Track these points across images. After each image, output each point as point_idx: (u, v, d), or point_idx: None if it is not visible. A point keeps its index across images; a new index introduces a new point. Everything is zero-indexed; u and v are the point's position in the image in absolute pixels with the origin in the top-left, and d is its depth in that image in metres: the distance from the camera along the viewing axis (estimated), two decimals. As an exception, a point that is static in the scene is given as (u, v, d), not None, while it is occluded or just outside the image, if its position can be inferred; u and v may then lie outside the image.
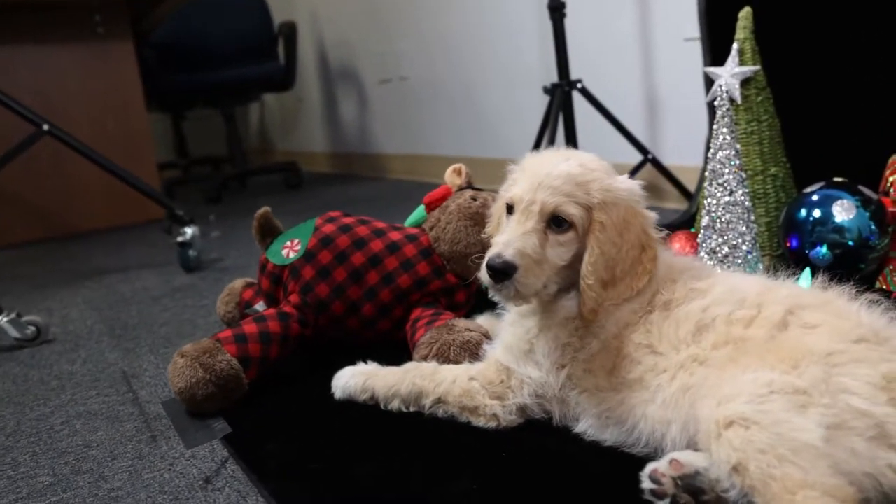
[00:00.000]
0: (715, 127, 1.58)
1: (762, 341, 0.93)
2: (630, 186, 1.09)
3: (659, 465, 0.91)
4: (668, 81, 2.66)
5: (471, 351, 1.29)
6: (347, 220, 1.58)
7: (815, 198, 1.65)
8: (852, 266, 1.61)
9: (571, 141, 2.50)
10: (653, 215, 1.09)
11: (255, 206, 1.65)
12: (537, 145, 2.56)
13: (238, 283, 1.78)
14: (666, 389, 0.97)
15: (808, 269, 1.43)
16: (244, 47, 4.61)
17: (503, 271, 1.02)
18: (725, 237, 1.58)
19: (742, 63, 1.77)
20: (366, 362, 1.31)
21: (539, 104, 2.75)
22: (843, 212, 1.61)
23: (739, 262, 1.56)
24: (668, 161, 2.65)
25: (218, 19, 4.56)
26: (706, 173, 1.60)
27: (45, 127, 2.57)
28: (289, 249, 1.54)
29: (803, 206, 1.65)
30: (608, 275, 1.05)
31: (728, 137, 1.56)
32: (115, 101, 3.72)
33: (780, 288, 1.02)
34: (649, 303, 1.05)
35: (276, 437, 1.20)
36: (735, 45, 1.76)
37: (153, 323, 1.99)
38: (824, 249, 1.61)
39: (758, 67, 1.75)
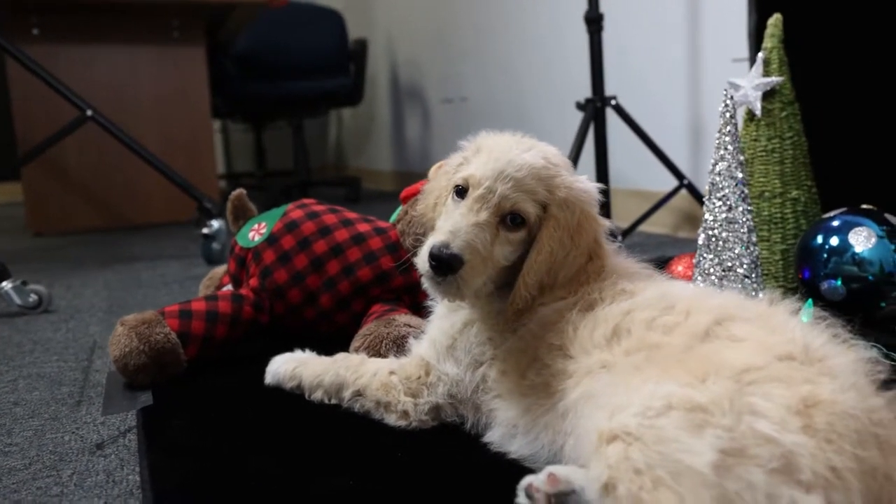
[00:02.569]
0: (717, 136, 1.44)
1: (677, 351, 0.81)
2: (589, 188, 1.00)
3: (535, 479, 0.79)
4: (714, 103, 2.51)
5: (404, 347, 1.21)
6: (318, 207, 1.53)
7: (834, 224, 1.47)
8: (870, 303, 1.41)
9: (601, 160, 2.38)
10: (606, 223, 1.00)
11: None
12: (574, 161, 2.46)
13: (220, 269, 1.76)
14: (568, 396, 0.86)
15: (809, 301, 1.26)
16: (318, 61, 4.73)
17: (448, 264, 0.93)
18: (721, 258, 1.43)
19: (767, 74, 1.62)
20: (303, 350, 1.26)
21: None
22: (864, 241, 1.42)
23: (736, 286, 1.41)
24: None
25: (297, 32, 4.71)
26: (706, 186, 1.46)
27: (89, 112, 2.69)
28: (255, 232, 1.51)
29: (819, 233, 1.47)
30: (549, 278, 0.97)
31: (730, 147, 1.42)
32: (183, 104, 3.87)
33: (716, 297, 0.89)
34: (576, 302, 0.95)
35: (186, 416, 1.15)
36: (760, 55, 1.62)
37: (151, 305, 2.01)
38: (838, 282, 1.43)
39: (783, 78, 1.60)
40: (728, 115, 1.39)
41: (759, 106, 1.57)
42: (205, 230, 2.59)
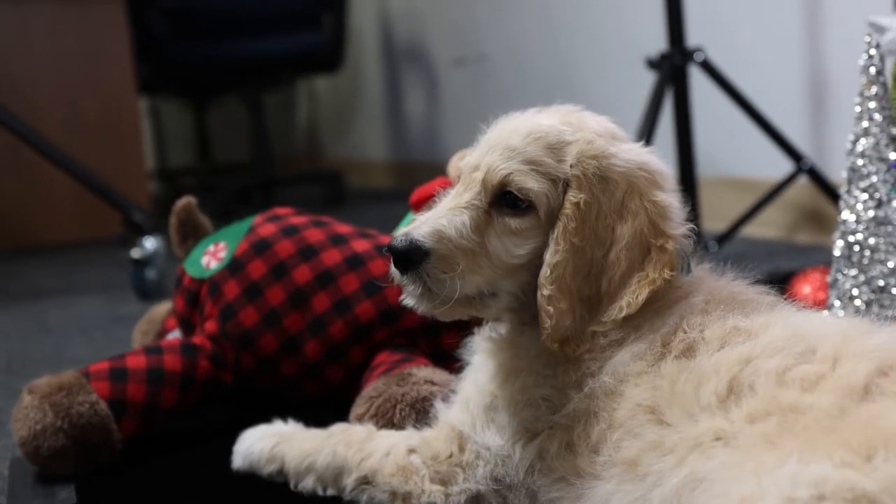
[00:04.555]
0: (857, 101, 1.44)
1: (825, 415, 0.81)
2: (637, 158, 1.02)
3: None
4: (844, 54, 2.50)
5: (426, 411, 1.22)
6: (297, 219, 1.54)
7: None
8: None
9: (683, 138, 2.38)
10: (674, 202, 1.01)
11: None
12: (646, 141, 2.47)
13: (162, 308, 1.78)
14: (667, 482, 0.86)
15: None
16: (280, 12, 4.78)
17: (406, 256, 0.97)
18: (868, 274, 1.43)
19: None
20: (285, 421, 1.27)
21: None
22: None
23: (891, 313, 1.40)
24: (840, 175, 2.47)
25: (246, -24, 4.76)
26: (844, 173, 1.47)
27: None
28: (210, 257, 1.51)
29: None
30: (588, 287, 0.98)
31: (878, 117, 1.42)
32: (95, 77, 3.91)
33: (874, 334, 0.88)
34: (665, 344, 0.95)
35: (127, 516, 1.15)
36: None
37: (64, 360, 2.03)
38: None
39: (942, 20, 1.59)
40: (873, 70, 1.39)
41: (910, 58, 1.57)
42: (134, 253, 2.60)
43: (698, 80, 2.48)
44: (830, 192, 2.40)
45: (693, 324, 0.95)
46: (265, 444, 1.22)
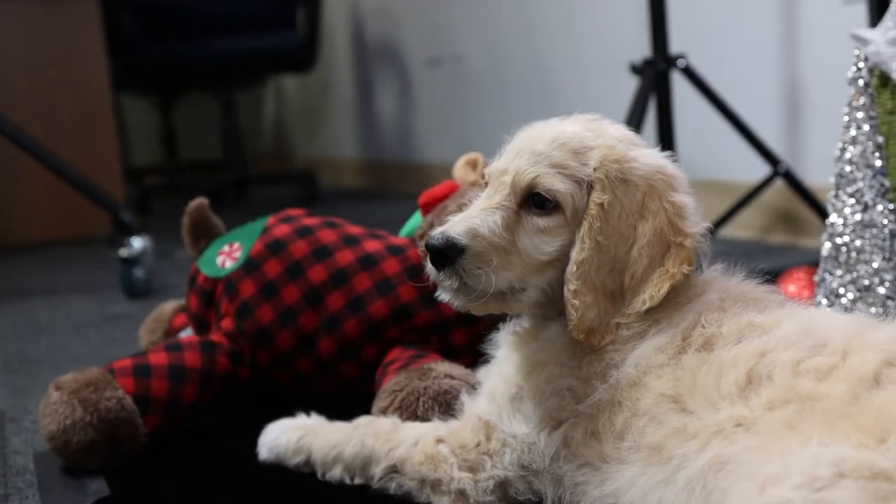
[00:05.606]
0: (846, 112, 1.52)
1: (840, 402, 0.88)
2: (661, 163, 1.09)
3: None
4: (818, 63, 2.60)
5: (448, 404, 1.27)
6: (310, 220, 1.59)
7: None
8: None
9: (665, 141, 2.46)
10: (689, 203, 1.08)
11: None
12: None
13: (168, 307, 1.81)
14: (692, 464, 0.93)
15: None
16: (253, 11, 4.80)
17: (442, 253, 1.04)
18: (854, 273, 1.51)
19: (905, 25, 1.71)
20: (308, 414, 1.31)
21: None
22: None
23: (875, 311, 1.49)
24: (814, 178, 2.57)
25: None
26: (832, 179, 1.54)
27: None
28: (226, 256, 1.56)
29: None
30: (613, 281, 1.05)
31: (865, 127, 1.50)
32: (71, 76, 3.91)
33: (880, 329, 0.96)
34: (685, 338, 1.02)
35: (162, 507, 1.20)
36: (896, 2, 1.71)
37: (63, 358, 2.05)
38: None
39: (922, 33, 1.69)
40: (861, 82, 1.47)
41: (894, 67, 1.66)
42: (123, 253, 2.63)
43: (682, 87, 2.56)
44: (805, 195, 2.50)
45: (711, 319, 1.02)
46: (291, 436, 1.27)
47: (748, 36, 2.78)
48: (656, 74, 2.46)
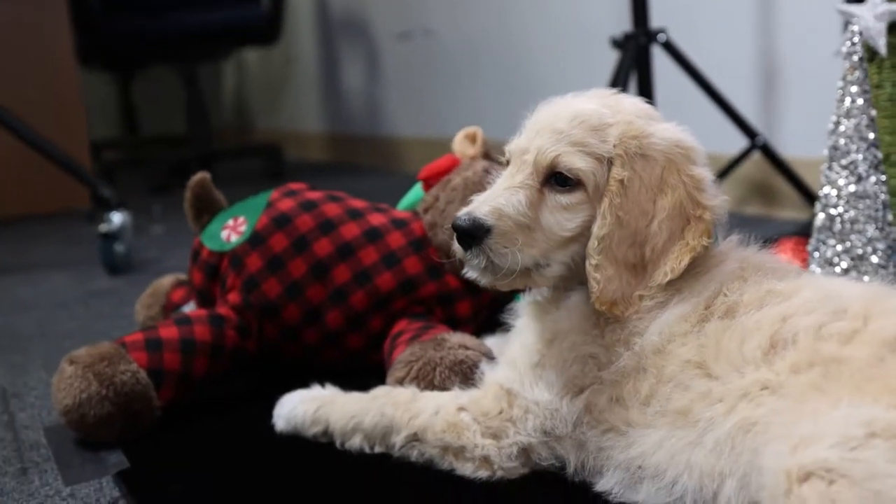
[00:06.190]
0: (840, 86, 1.57)
1: (865, 364, 0.92)
2: (674, 136, 1.12)
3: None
4: (795, 35, 2.65)
5: (464, 374, 1.30)
6: (313, 194, 1.60)
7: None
8: None
9: (647, 115, 2.49)
10: (707, 175, 1.11)
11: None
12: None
13: (166, 281, 1.81)
14: (720, 427, 0.96)
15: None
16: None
17: (470, 233, 1.07)
18: (847, 243, 1.56)
19: (894, -2, 1.75)
20: (323, 385, 1.34)
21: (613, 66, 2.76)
22: None
23: (868, 278, 1.54)
24: (789, 151, 2.63)
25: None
26: (826, 151, 1.59)
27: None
28: (230, 231, 1.57)
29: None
30: (634, 254, 1.08)
31: (860, 101, 1.55)
32: (37, 52, 3.84)
33: (894, 295, 1.01)
34: (707, 306, 1.05)
35: (185, 479, 1.22)
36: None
37: (54, 334, 2.05)
38: None
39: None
40: (855, 57, 1.51)
41: (882, 43, 1.70)
42: (102, 228, 2.61)
43: (661, 61, 2.59)
44: (781, 167, 2.56)
45: (732, 288, 1.05)
46: (307, 406, 1.29)
47: (726, 11, 2.82)
48: (637, 49, 2.50)
